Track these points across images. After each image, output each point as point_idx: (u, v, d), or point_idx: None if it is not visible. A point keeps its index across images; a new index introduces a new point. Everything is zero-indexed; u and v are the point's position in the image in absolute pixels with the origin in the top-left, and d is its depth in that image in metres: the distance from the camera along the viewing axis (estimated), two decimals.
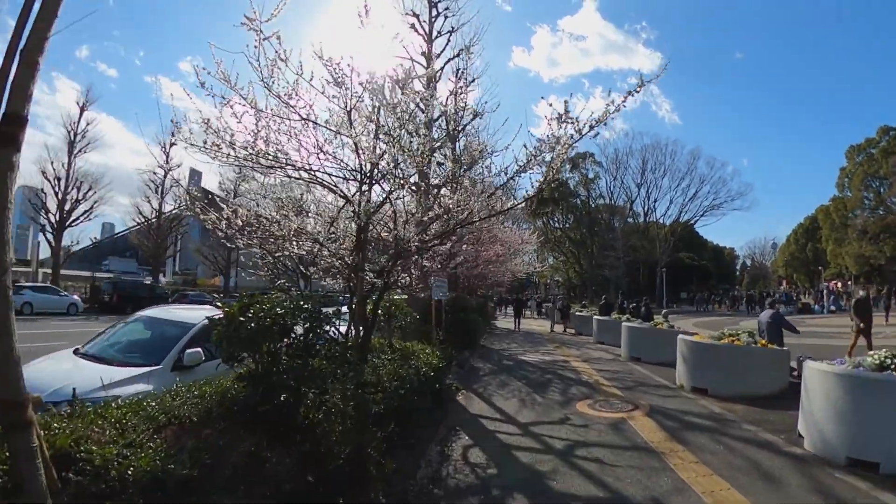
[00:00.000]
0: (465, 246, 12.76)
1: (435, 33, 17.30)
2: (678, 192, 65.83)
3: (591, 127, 4.92)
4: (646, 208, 67.88)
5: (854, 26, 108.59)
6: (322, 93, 5.96)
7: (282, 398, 4.74)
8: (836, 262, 69.98)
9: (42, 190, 38.73)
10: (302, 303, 5.16)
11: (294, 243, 6.73)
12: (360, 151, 6.47)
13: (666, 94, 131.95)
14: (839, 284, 57.43)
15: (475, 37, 17.71)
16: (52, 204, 38.70)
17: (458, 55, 16.24)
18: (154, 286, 39.74)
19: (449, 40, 17.33)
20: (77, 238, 43.34)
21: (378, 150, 6.21)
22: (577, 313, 23.62)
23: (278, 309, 4.74)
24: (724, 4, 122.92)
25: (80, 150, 38.92)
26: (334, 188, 6.65)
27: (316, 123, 6.27)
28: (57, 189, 38.36)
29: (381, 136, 5.78)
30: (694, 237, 75.90)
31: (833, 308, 41.09)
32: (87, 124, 38.99)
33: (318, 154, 6.47)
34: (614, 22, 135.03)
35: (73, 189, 39.02)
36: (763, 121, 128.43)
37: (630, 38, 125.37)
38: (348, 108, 5.97)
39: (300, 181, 6.97)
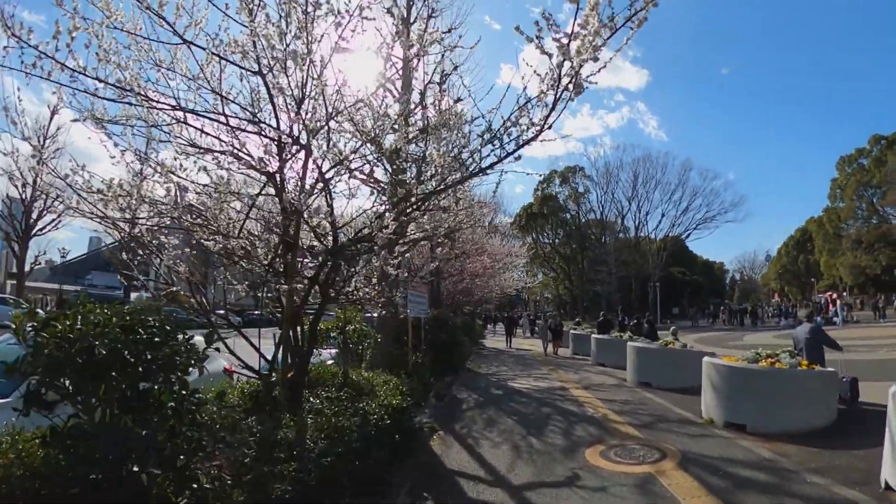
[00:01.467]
0: (440, 249, 10.72)
1: (414, 16, 15.44)
2: (670, 204, 64.24)
3: (629, 18, 2.92)
4: (637, 222, 66.12)
5: (840, 37, 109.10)
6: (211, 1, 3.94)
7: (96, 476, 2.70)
8: (829, 274, 69.16)
9: (8, 196, 36.66)
10: (147, 318, 3.10)
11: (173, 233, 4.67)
12: (279, 101, 4.46)
13: (652, 111, 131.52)
14: (834, 296, 56.32)
15: (457, 19, 15.88)
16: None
17: (441, 40, 14.39)
18: (124, 301, 37.27)
19: (427, 25, 15.46)
20: (44, 248, 41.20)
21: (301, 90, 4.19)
22: (573, 332, 21.60)
23: (82, 327, 2.70)
24: (709, 22, 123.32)
25: (48, 156, 36.59)
26: (239, 150, 4.61)
27: (216, 55, 4.26)
28: (23, 196, 36.19)
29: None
30: (684, 252, 74.38)
31: (835, 321, 39.50)
32: (58, 129, 36.75)
33: (219, 100, 4.45)
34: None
35: (41, 196, 36.82)
36: (749, 136, 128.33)
37: (617, 55, 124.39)
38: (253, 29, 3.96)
39: (197, 150, 4.92)
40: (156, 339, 2.99)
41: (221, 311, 5.61)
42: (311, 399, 5.32)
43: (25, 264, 37.54)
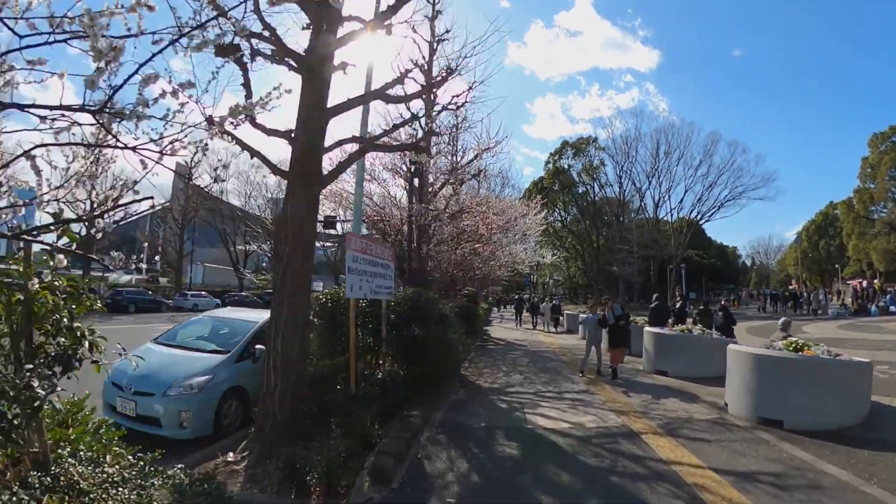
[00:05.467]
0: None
1: None
2: (694, 179, 57.83)
3: None
4: (657, 199, 59.58)
5: (860, 9, 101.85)
6: None
7: None
8: (857, 258, 64.54)
9: None
10: None
11: None
12: None
13: (662, 92, 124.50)
14: (864, 283, 51.53)
15: None
16: None
17: None
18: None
19: None
20: None
21: None
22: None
23: None
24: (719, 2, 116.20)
25: None
26: None
27: None
28: None
29: None
30: (700, 234, 69.44)
31: (893, 309, 34.34)
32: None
33: None
34: (609, 18, 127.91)
35: None
36: (765, 119, 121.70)
37: (628, 35, 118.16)
38: None
39: None
40: None
41: None
42: None
43: None
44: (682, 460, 5.56)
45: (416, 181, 11.47)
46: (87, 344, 2.82)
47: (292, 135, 5.31)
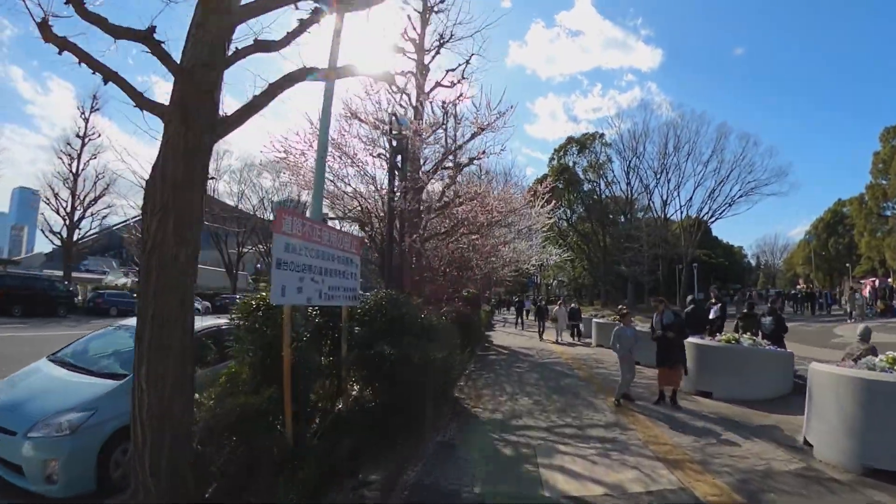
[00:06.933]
0: None
1: None
2: (704, 175, 55.37)
3: None
4: (665, 196, 57.12)
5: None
6: None
7: None
8: (869, 256, 63.06)
9: None
10: None
11: None
12: None
13: (665, 90, 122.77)
14: (876, 282, 49.65)
15: None
16: None
17: None
18: (56, 283, 30.49)
19: None
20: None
21: None
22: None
23: None
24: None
25: None
26: None
27: None
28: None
29: None
30: (706, 234, 66.94)
31: None
32: None
33: None
34: (610, 18, 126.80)
35: None
36: (767, 118, 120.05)
37: (629, 34, 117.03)
38: None
39: None
40: None
41: None
42: None
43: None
44: None
45: (398, 158, 9.36)
46: None
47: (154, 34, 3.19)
